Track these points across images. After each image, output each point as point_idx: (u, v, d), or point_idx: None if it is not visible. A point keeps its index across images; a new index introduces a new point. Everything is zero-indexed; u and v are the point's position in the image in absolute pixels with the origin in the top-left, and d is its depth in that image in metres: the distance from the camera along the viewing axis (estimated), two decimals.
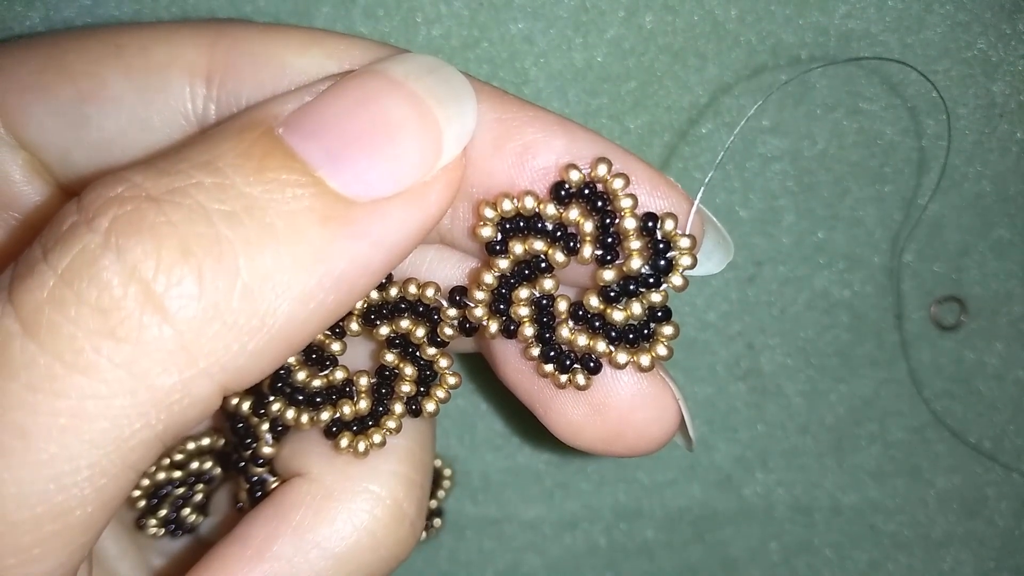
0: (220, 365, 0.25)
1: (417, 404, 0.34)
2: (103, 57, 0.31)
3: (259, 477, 0.36)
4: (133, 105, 0.31)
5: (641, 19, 0.43)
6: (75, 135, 0.32)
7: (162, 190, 0.25)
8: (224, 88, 0.31)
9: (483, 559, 0.51)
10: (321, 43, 0.31)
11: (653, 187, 0.31)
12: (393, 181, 0.27)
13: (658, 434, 0.33)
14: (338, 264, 0.26)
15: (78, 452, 0.24)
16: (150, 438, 0.25)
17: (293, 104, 0.28)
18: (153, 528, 0.38)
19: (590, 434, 0.33)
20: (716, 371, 0.49)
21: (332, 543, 0.32)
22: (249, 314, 0.25)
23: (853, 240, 0.47)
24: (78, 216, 0.25)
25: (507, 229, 0.31)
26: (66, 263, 0.24)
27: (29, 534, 0.24)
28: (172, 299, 0.24)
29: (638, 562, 0.51)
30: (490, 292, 0.31)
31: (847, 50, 0.43)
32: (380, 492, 0.33)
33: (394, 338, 0.33)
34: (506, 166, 0.30)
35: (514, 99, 0.31)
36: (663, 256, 0.30)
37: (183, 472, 0.38)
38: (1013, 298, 0.48)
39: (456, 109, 0.28)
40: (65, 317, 0.24)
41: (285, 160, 0.26)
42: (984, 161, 0.46)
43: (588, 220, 0.30)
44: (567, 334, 0.31)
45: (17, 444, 0.24)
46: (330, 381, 0.33)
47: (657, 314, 0.31)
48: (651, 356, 0.31)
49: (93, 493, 0.25)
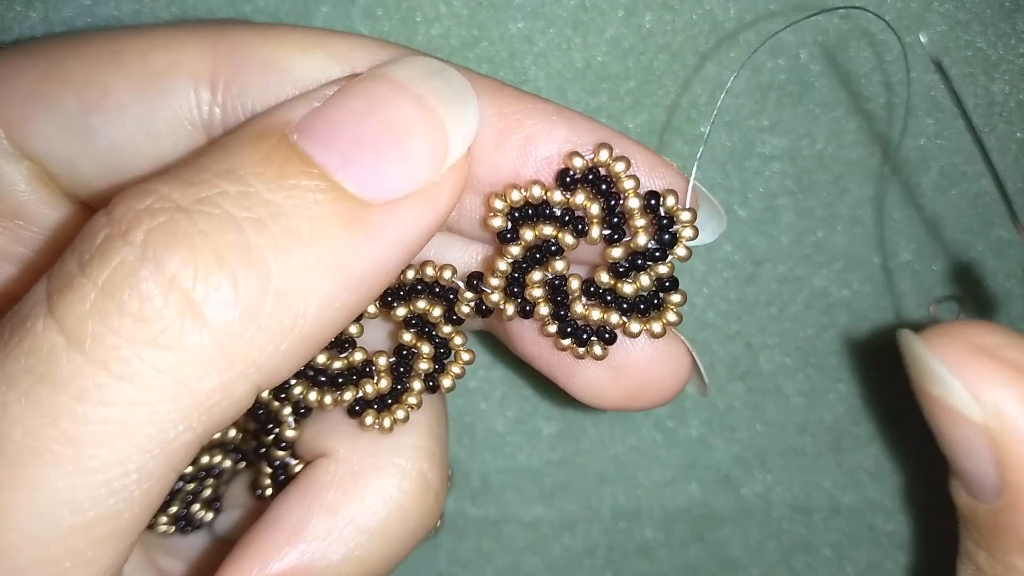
0: (256, 366, 0.26)
1: (435, 380, 0.35)
2: (103, 64, 0.32)
3: (281, 461, 0.37)
4: (138, 112, 0.32)
5: (640, 18, 0.43)
6: (81, 144, 0.32)
7: (190, 200, 0.26)
8: (228, 92, 0.32)
9: (483, 559, 0.51)
10: (323, 44, 0.32)
11: (651, 167, 0.33)
12: (405, 182, 0.28)
13: (675, 385, 0.36)
14: (360, 264, 0.27)
15: (126, 457, 0.25)
16: (191, 440, 0.26)
17: (302, 110, 0.29)
18: (163, 526, 0.38)
19: (612, 394, 0.35)
20: (715, 370, 0.49)
21: (364, 518, 0.34)
22: (281, 316, 0.26)
23: (852, 239, 0.47)
24: (110, 229, 0.26)
25: (517, 218, 0.32)
26: (106, 276, 0.25)
27: (83, 538, 0.25)
28: (211, 306, 0.25)
29: (637, 562, 0.51)
30: (504, 278, 0.33)
31: (846, 49, 0.43)
32: (406, 465, 0.34)
33: (411, 318, 0.34)
34: (510, 158, 0.32)
35: (513, 91, 0.32)
36: (667, 231, 0.32)
37: (193, 467, 0.38)
38: (1012, 297, 0.48)
39: (460, 110, 0.29)
40: (109, 328, 0.25)
41: (303, 166, 0.27)
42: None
43: (594, 203, 0.32)
44: (581, 309, 0.33)
45: (69, 452, 0.25)
46: (350, 362, 0.35)
47: (665, 284, 0.33)
48: (662, 323, 0.33)
49: (140, 495, 0.26)
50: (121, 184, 0.32)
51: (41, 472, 0.25)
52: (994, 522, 0.34)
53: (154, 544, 0.39)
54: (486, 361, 0.48)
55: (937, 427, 0.34)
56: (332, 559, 0.33)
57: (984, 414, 0.32)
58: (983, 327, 0.34)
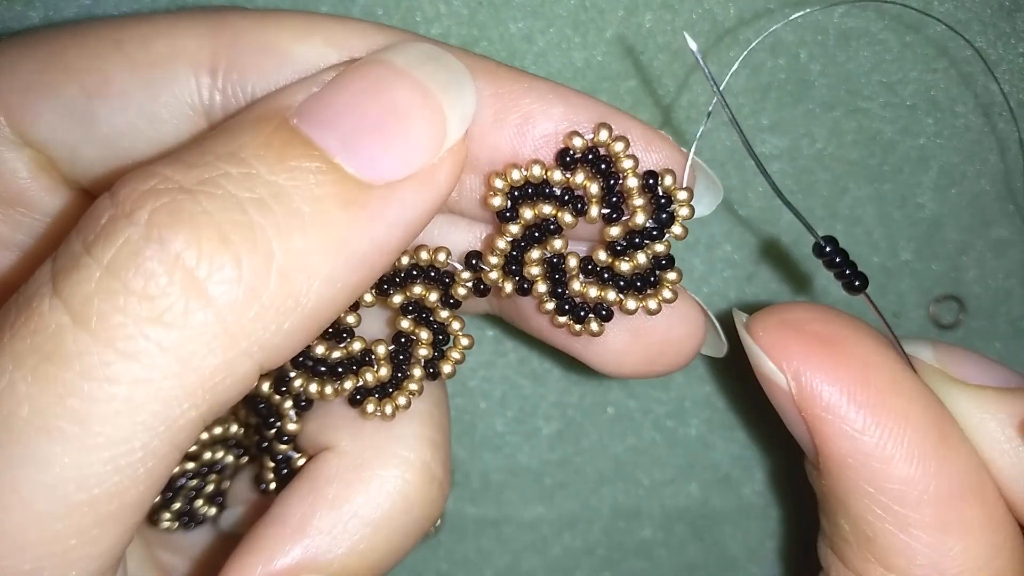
0: (259, 345, 0.27)
1: (435, 367, 0.35)
2: (104, 52, 0.32)
3: (284, 455, 0.37)
4: (140, 99, 0.32)
5: (640, 18, 0.43)
6: (84, 131, 0.32)
7: (193, 181, 0.26)
8: (229, 78, 0.32)
9: (482, 559, 0.51)
10: (320, 30, 0.32)
11: (647, 142, 0.33)
12: (405, 165, 0.29)
13: (694, 345, 0.37)
14: (361, 245, 0.28)
15: (132, 434, 0.25)
16: (195, 418, 0.26)
17: (302, 95, 0.29)
18: (166, 522, 0.38)
19: (633, 359, 0.36)
20: (714, 370, 0.49)
21: (369, 510, 0.34)
22: (284, 295, 0.27)
23: (852, 239, 0.47)
24: (115, 210, 0.26)
25: (516, 197, 0.33)
26: (110, 255, 0.26)
27: (88, 515, 0.25)
28: (215, 284, 0.26)
29: (637, 561, 0.51)
30: (503, 256, 0.33)
31: (846, 48, 0.43)
32: (409, 456, 0.35)
33: (408, 305, 0.35)
34: (508, 137, 0.32)
35: (508, 71, 0.32)
36: (665, 210, 0.33)
37: (196, 463, 0.38)
38: (1012, 297, 0.48)
39: (457, 94, 0.30)
40: (114, 307, 0.25)
41: (305, 149, 0.28)
42: (983, 159, 0.46)
43: (593, 183, 0.33)
44: (579, 287, 0.34)
45: (75, 430, 0.25)
46: (349, 352, 0.35)
47: (662, 262, 0.34)
48: (658, 300, 0.34)
49: (145, 473, 0.26)
50: (122, 169, 0.32)
51: (48, 449, 0.25)
52: (821, 487, 0.35)
53: (156, 540, 0.39)
54: (486, 361, 0.48)
55: (770, 399, 0.35)
56: (337, 553, 0.33)
57: (788, 381, 0.33)
58: (797, 306, 0.36)
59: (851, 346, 0.34)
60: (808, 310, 0.36)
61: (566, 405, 0.49)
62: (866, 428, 0.33)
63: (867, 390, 0.33)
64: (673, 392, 0.49)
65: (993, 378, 0.36)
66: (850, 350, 0.34)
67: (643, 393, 0.49)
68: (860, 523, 0.33)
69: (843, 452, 0.33)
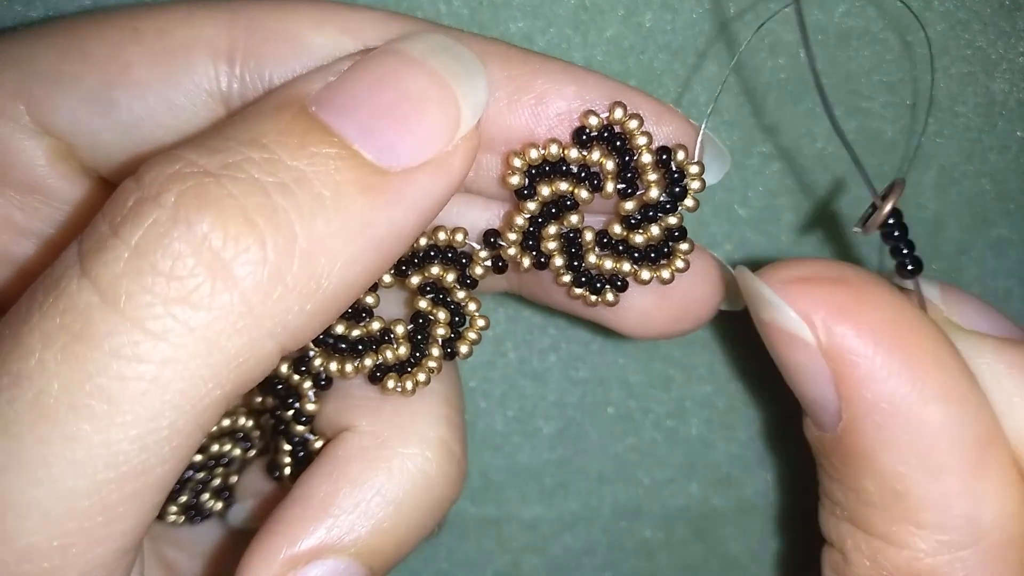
0: (282, 326, 0.27)
1: (452, 347, 0.36)
2: (123, 41, 0.33)
3: (301, 438, 0.37)
4: (159, 87, 0.33)
5: (640, 17, 0.43)
6: (103, 119, 0.33)
7: (217, 165, 0.27)
8: (246, 65, 0.33)
9: (483, 559, 0.51)
10: (335, 19, 0.33)
11: (658, 116, 0.35)
12: (420, 151, 0.29)
13: (715, 300, 0.38)
14: (380, 229, 0.29)
15: (159, 413, 0.26)
16: (219, 398, 0.27)
17: (319, 83, 0.30)
18: (173, 516, 0.38)
19: (660, 319, 0.38)
20: (715, 369, 0.49)
21: (391, 489, 0.34)
22: (307, 277, 0.27)
23: (852, 239, 0.47)
24: (141, 192, 0.27)
25: (534, 175, 0.34)
26: (138, 236, 0.26)
27: (115, 492, 0.26)
28: (240, 266, 0.26)
29: (637, 561, 0.51)
30: (521, 232, 0.35)
31: (847, 47, 0.43)
32: (429, 434, 0.35)
33: (425, 285, 0.35)
34: (523, 118, 0.33)
35: (519, 52, 0.34)
36: (678, 184, 0.34)
37: (203, 456, 0.38)
38: (1012, 297, 0.48)
39: (470, 84, 0.31)
40: (142, 287, 0.26)
41: (324, 135, 0.28)
42: (983, 159, 0.46)
43: (609, 159, 0.34)
44: (595, 260, 0.35)
45: (104, 408, 0.25)
46: (368, 332, 0.35)
47: (675, 234, 0.35)
48: (671, 270, 0.35)
49: (170, 452, 0.26)
50: (142, 156, 0.33)
51: (77, 427, 0.25)
52: (839, 448, 0.34)
53: (162, 536, 0.39)
54: (486, 361, 0.48)
55: (777, 356, 0.35)
56: (360, 532, 0.34)
57: (814, 333, 0.33)
58: (808, 261, 0.35)
59: (873, 292, 0.33)
60: (819, 262, 0.35)
61: (566, 405, 0.49)
62: (901, 370, 0.32)
63: (899, 332, 0.32)
64: (673, 392, 0.49)
65: (992, 325, 0.36)
66: (874, 296, 0.33)
67: (643, 393, 0.49)
68: (890, 479, 0.32)
69: (876, 398, 0.32)
